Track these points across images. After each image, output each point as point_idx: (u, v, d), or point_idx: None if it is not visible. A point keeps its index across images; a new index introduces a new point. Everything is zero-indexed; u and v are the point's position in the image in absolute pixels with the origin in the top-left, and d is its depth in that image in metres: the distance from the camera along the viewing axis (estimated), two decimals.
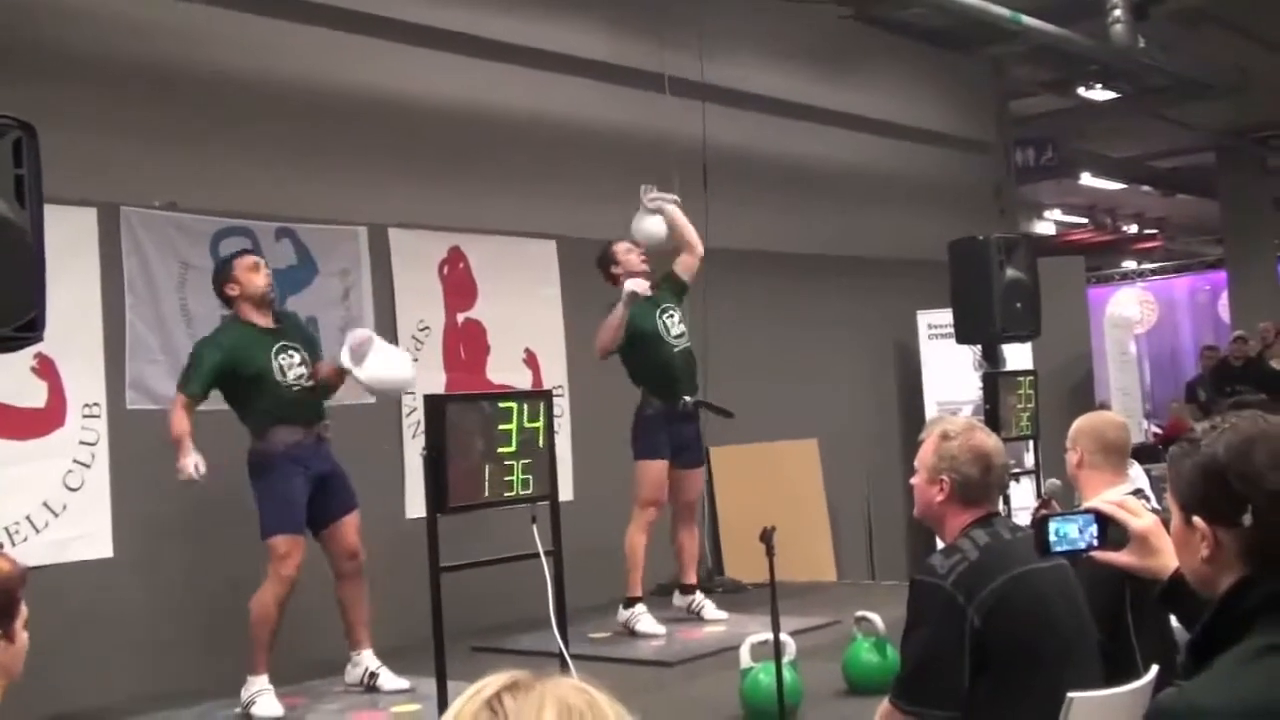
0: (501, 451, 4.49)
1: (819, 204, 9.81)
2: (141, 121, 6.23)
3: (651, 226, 6.67)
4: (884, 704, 3.15)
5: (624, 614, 6.46)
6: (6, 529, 5.55)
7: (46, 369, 5.71)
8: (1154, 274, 19.44)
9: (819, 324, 9.45)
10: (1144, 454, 8.52)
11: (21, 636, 2.47)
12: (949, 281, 7.22)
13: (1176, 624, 2.78)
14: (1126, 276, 19.51)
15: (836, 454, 9.39)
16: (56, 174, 3.92)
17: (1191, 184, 16.84)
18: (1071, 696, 2.83)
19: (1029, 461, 7.24)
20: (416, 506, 6.27)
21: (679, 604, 6.74)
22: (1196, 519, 1.83)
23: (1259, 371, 12.77)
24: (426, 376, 7.18)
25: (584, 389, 7.56)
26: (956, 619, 2.98)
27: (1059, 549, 2.26)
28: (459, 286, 7.54)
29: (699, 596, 6.75)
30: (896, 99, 10.50)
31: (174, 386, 6.11)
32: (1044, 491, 5.50)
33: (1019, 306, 6.99)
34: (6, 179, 3.67)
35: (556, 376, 7.66)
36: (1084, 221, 18.87)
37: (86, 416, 5.90)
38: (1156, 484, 5.49)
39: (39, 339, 3.84)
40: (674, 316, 6.58)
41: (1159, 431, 13.02)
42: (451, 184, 7.53)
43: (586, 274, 6.88)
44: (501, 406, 4.57)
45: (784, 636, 4.38)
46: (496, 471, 4.49)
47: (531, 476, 4.58)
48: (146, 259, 6.20)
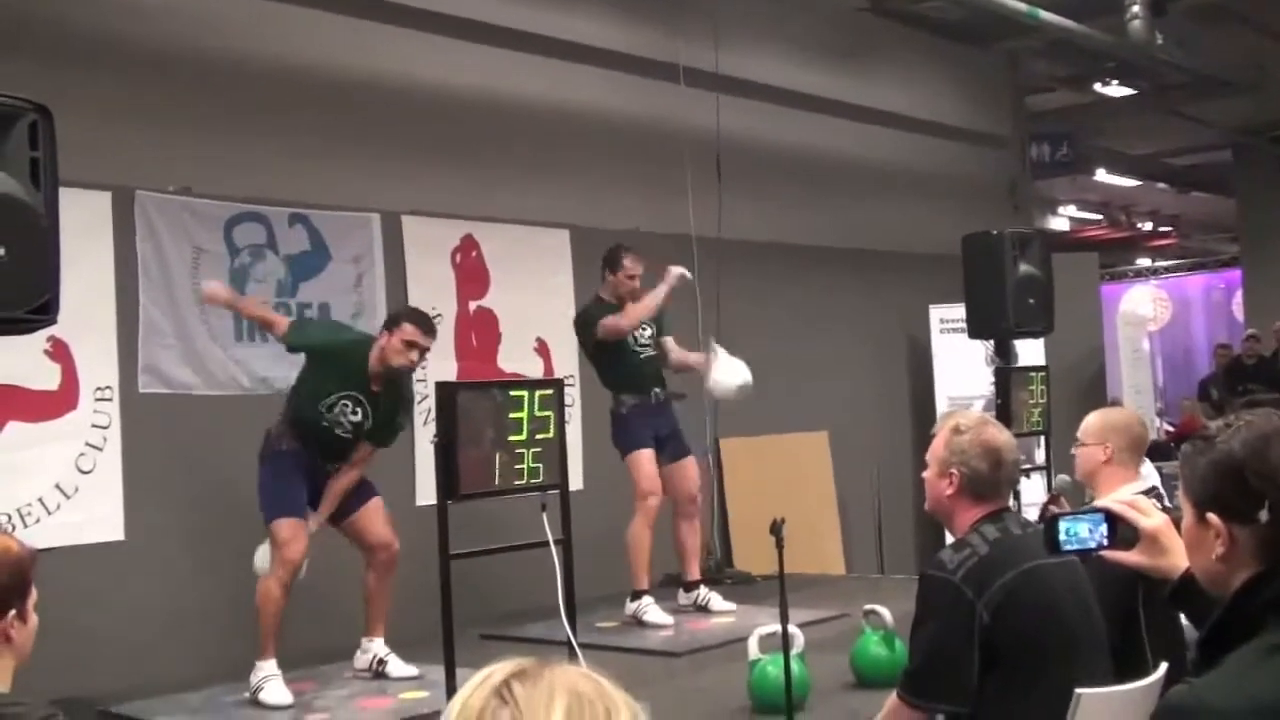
0: (512, 440, 4.49)
1: (832, 197, 9.79)
2: (156, 106, 6.24)
3: (730, 378, 6.69)
4: (892, 698, 3.15)
5: (631, 606, 6.47)
6: (19, 511, 5.57)
7: (60, 352, 5.73)
8: (1168, 271, 19.35)
9: (831, 317, 9.44)
10: (1156, 452, 8.50)
11: (32, 618, 2.49)
12: (962, 276, 7.19)
13: (1187, 622, 2.77)
14: (1140, 274, 19.42)
15: (847, 447, 9.38)
16: (71, 158, 3.92)
17: (1207, 182, 16.77)
18: (1080, 693, 2.83)
19: (1040, 457, 7.22)
20: (427, 494, 6.28)
21: (684, 601, 6.75)
22: (1211, 516, 1.82)
23: (1272, 370, 12.74)
24: (438, 365, 7.19)
25: (594, 379, 7.53)
26: (965, 614, 2.98)
27: (1069, 548, 2.25)
28: (471, 274, 7.55)
29: (703, 590, 6.76)
30: (912, 92, 10.47)
31: (187, 371, 6.19)
32: (1053, 488, 5.49)
33: (1032, 302, 6.96)
34: (22, 162, 3.67)
35: (568, 366, 7.66)
36: (1099, 218, 18.81)
37: (99, 400, 5.92)
38: (1168, 482, 5.47)
39: (53, 321, 3.84)
40: (645, 330, 6.61)
41: (1171, 429, 12.98)
42: (465, 172, 7.53)
43: (599, 264, 6.88)
44: (513, 395, 4.57)
45: (792, 628, 4.38)
46: (507, 460, 4.49)
47: (542, 465, 4.58)
48: (160, 243, 6.21)
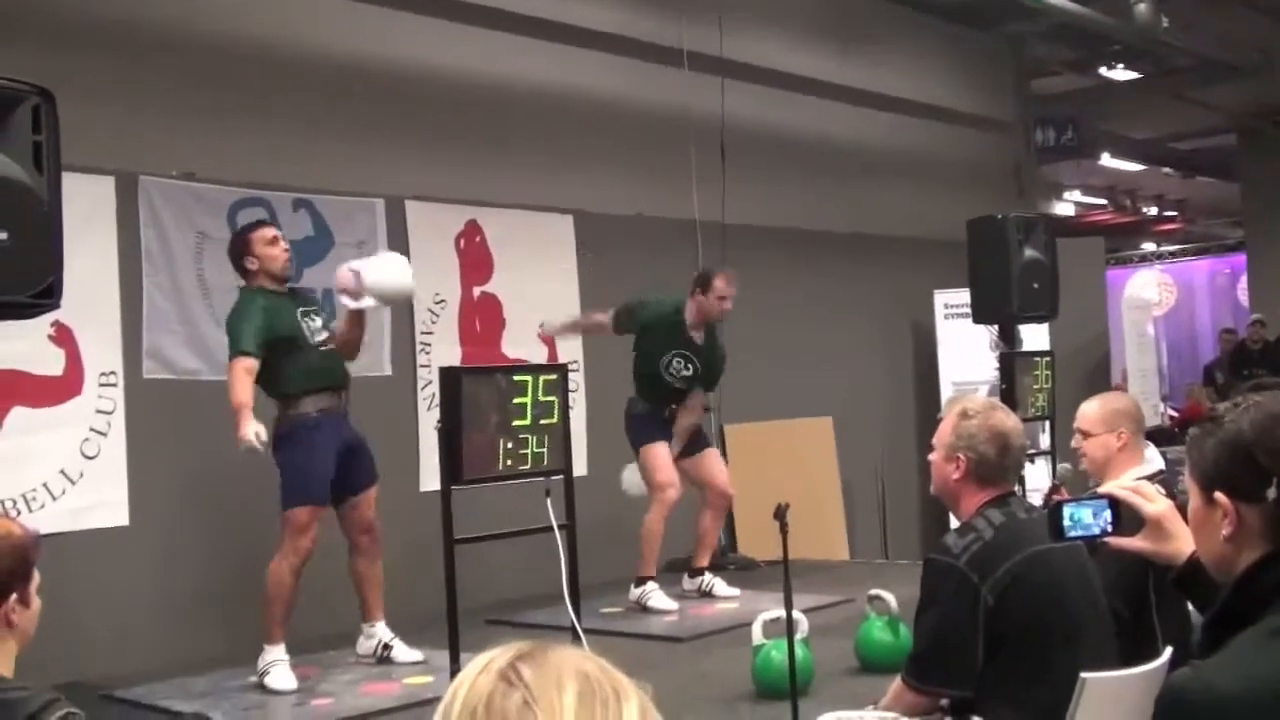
0: (516, 425, 4.49)
1: (836, 181, 9.76)
2: (160, 91, 6.22)
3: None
4: (896, 682, 3.15)
5: (635, 591, 6.48)
6: (24, 496, 5.58)
7: (64, 337, 5.73)
8: (1173, 256, 19.33)
9: (835, 302, 9.43)
10: (1160, 437, 8.49)
11: (34, 602, 2.49)
12: (966, 261, 7.18)
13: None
14: (1145, 258, 19.39)
15: (851, 432, 9.38)
16: (75, 142, 3.92)
17: (1212, 166, 16.72)
18: (1085, 677, 2.82)
19: (1044, 442, 7.21)
20: (431, 479, 6.27)
21: (689, 586, 6.76)
22: (1219, 495, 1.82)
23: (1277, 355, 12.72)
24: (442, 350, 7.21)
25: (599, 364, 7.55)
26: (970, 598, 2.97)
27: (1073, 534, 2.25)
28: (475, 260, 7.54)
29: (707, 576, 6.77)
30: (916, 76, 10.44)
31: (191, 356, 6.15)
32: (1055, 477, 5.49)
33: (1036, 287, 6.94)
34: (25, 146, 3.66)
35: (572, 351, 7.65)
36: (1103, 203, 18.77)
37: (103, 385, 5.92)
38: (1172, 467, 5.46)
39: (56, 306, 3.84)
40: (688, 366, 6.58)
41: (1175, 414, 12.97)
42: (469, 157, 7.52)
43: (603, 248, 6.87)
44: (517, 380, 4.56)
45: (797, 614, 4.38)
46: (511, 445, 4.49)
47: (546, 450, 4.58)
48: (164, 229, 6.21)
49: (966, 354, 9.67)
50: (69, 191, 3.86)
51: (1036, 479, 6.60)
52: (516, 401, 4.48)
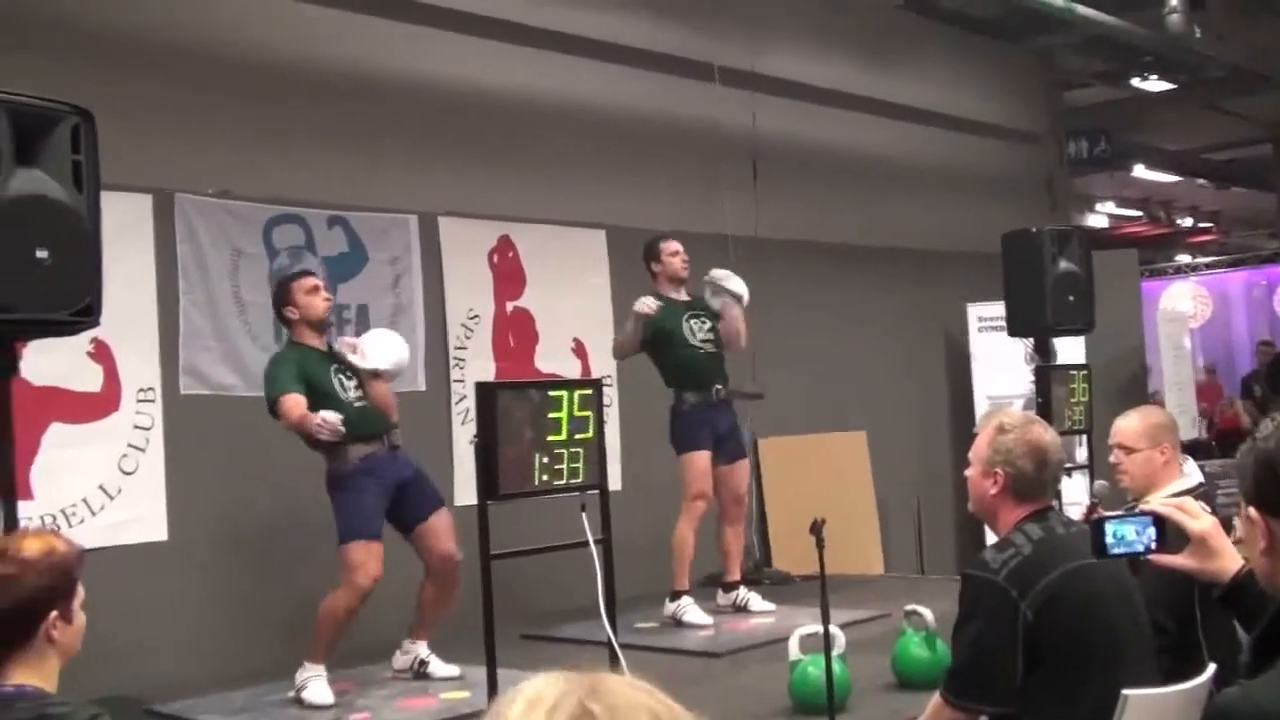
0: (551, 440, 4.49)
1: (868, 195, 9.75)
2: (196, 109, 6.28)
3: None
4: (935, 698, 3.13)
5: (670, 606, 6.46)
6: (63, 511, 5.63)
7: (102, 353, 5.78)
8: (1208, 268, 19.15)
9: (868, 315, 9.40)
10: (1198, 450, 8.41)
11: (79, 617, 2.50)
12: (1000, 274, 7.15)
13: None
14: (1180, 270, 19.23)
15: (885, 446, 9.33)
16: (112, 161, 3.96)
17: (1247, 177, 16.61)
18: (1126, 694, 2.80)
19: (1080, 456, 7.16)
20: (464, 494, 6.31)
21: (723, 601, 6.73)
22: (1252, 511, 1.81)
23: None
24: (476, 365, 7.23)
25: (632, 379, 7.54)
26: (1009, 614, 2.95)
27: (1116, 551, 2.23)
28: (508, 275, 7.56)
29: (742, 590, 6.74)
30: (947, 89, 10.42)
31: (228, 373, 6.20)
32: (1092, 494, 5.44)
33: (1072, 300, 6.91)
34: (64, 165, 3.70)
35: (605, 366, 7.65)
36: (1138, 215, 18.66)
37: (141, 401, 5.96)
38: (1210, 481, 5.41)
39: (96, 324, 3.87)
40: (705, 323, 6.58)
41: (1212, 429, 12.85)
42: (501, 172, 7.55)
43: (636, 263, 6.87)
44: (552, 395, 4.56)
45: (833, 629, 4.36)
46: (546, 460, 4.49)
47: (581, 465, 4.58)
48: (200, 246, 6.26)
49: (1000, 367, 9.62)
50: (107, 209, 3.90)
51: (1073, 493, 6.55)
52: (552, 416, 4.48)
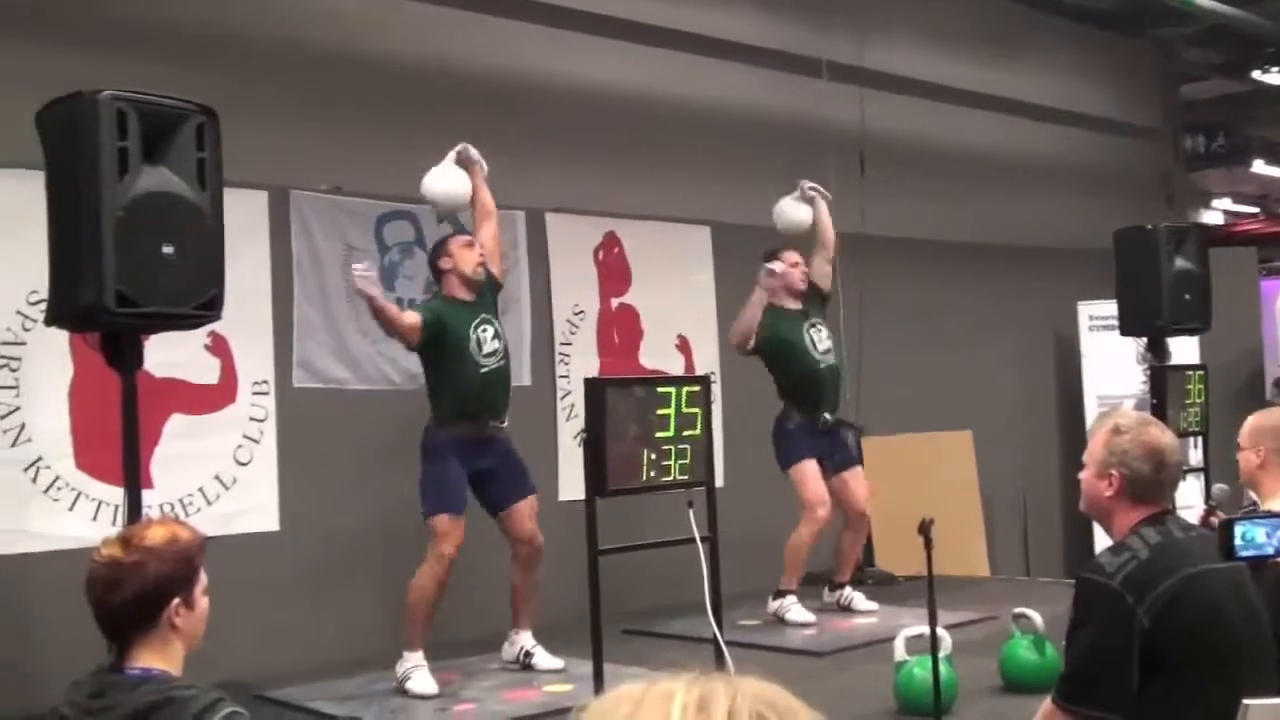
0: (659, 436, 4.51)
1: (977, 191, 9.62)
2: (310, 108, 6.41)
3: (798, 214, 6.70)
4: (1046, 703, 3.08)
5: (774, 604, 6.46)
6: (180, 500, 5.77)
7: (220, 347, 5.92)
8: None
9: (976, 313, 9.28)
10: None
11: (201, 603, 2.55)
12: (1113, 272, 7.01)
13: None
14: None
15: (991, 447, 9.21)
16: (231, 158, 4.06)
17: None
18: (1247, 703, 2.74)
19: (1196, 459, 7.00)
20: (569, 489, 6.36)
21: (828, 599, 6.72)
22: None
23: None
24: (581, 361, 7.28)
25: (736, 376, 7.54)
26: (1125, 619, 2.89)
27: (1244, 554, 2.18)
28: (613, 271, 7.59)
29: (847, 590, 6.72)
30: (1059, 83, 10.24)
31: (339, 366, 6.32)
32: (1212, 497, 5.33)
33: (1188, 299, 6.76)
34: (190, 163, 3.80)
35: (709, 363, 7.66)
36: (1255, 211, 18.15)
37: (256, 394, 6.10)
38: None
39: (218, 317, 3.98)
40: (821, 331, 6.57)
41: None
42: (608, 169, 7.58)
43: (740, 260, 6.86)
44: (659, 392, 4.59)
45: (940, 630, 4.32)
46: (654, 456, 4.51)
47: (688, 462, 4.59)
48: (313, 241, 6.38)
49: (1112, 367, 9.44)
50: (226, 205, 4.00)
51: (1189, 497, 6.41)
52: (659, 413, 4.50)
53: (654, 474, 4.51)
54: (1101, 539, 3.14)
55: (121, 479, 3.92)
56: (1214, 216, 17.84)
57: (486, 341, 5.45)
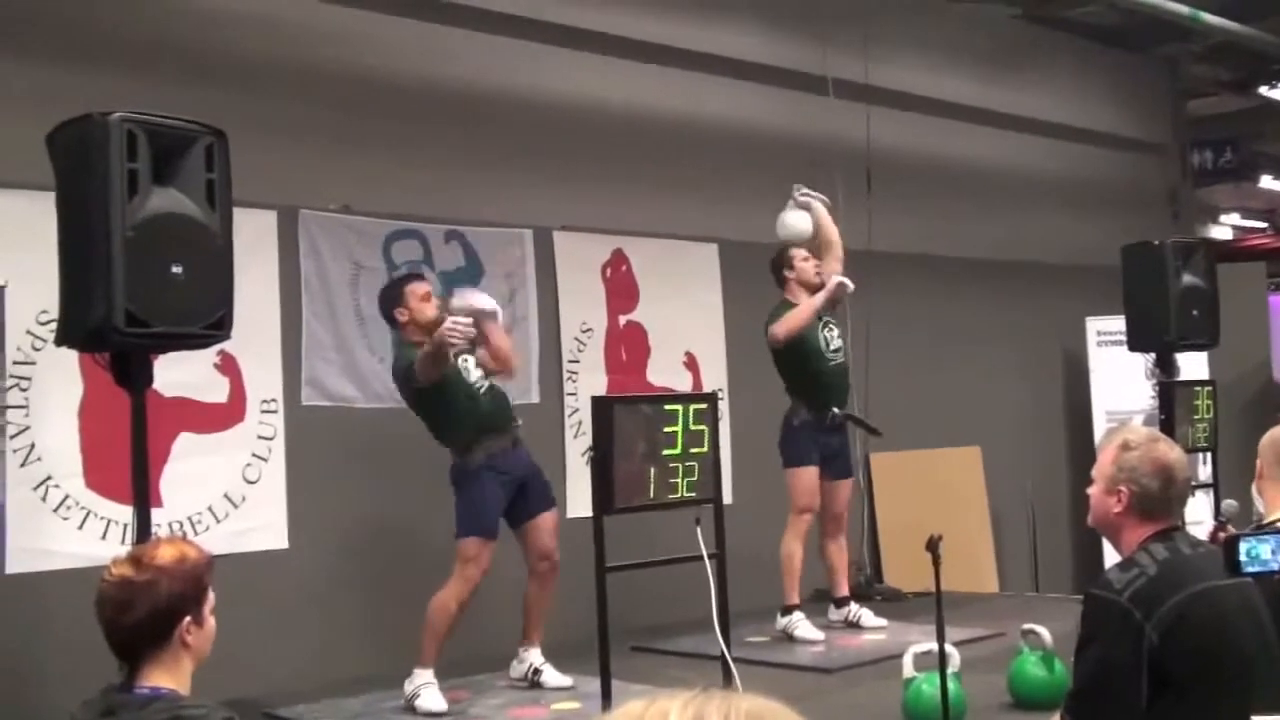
0: (666, 454, 4.51)
1: (985, 207, 9.63)
2: (318, 127, 6.43)
3: (798, 222, 6.69)
4: (1055, 718, 3.08)
5: (782, 621, 6.45)
6: (189, 519, 5.79)
7: (228, 365, 5.94)
8: None
9: (983, 329, 9.28)
10: None
11: (210, 621, 2.57)
12: (1120, 287, 7.01)
13: None
14: None
15: (1000, 462, 9.20)
16: (240, 177, 4.08)
17: None
18: None
19: (1205, 475, 6.99)
20: (577, 506, 6.36)
21: (834, 617, 6.70)
22: None
23: None
24: (589, 378, 7.29)
25: (744, 393, 7.55)
26: (1133, 636, 2.89)
27: (1250, 569, 2.19)
28: (621, 289, 7.61)
29: (854, 606, 6.70)
30: (1066, 100, 10.25)
31: (348, 384, 6.33)
32: (1221, 513, 5.32)
33: (1196, 314, 6.75)
34: (198, 183, 3.83)
35: (716, 380, 7.67)
36: (1263, 226, 18.14)
37: (264, 412, 6.11)
38: None
39: (226, 337, 4.00)
40: (833, 331, 6.59)
41: None
42: (615, 187, 7.60)
43: (748, 277, 6.87)
44: (667, 409, 4.59)
45: (949, 647, 4.31)
46: (660, 473, 4.51)
47: (696, 479, 4.59)
48: (322, 260, 6.40)
49: (1120, 383, 9.43)
50: (235, 225, 4.02)
51: (1197, 513, 6.40)
52: (667, 430, 4.51)
53: (661, 491, 4.51)
54: (1110, 555, 3.14)
55: (130, 498, 3.93)
56: (1222, 231, 17.84)
57: (467, 371, 5.48)
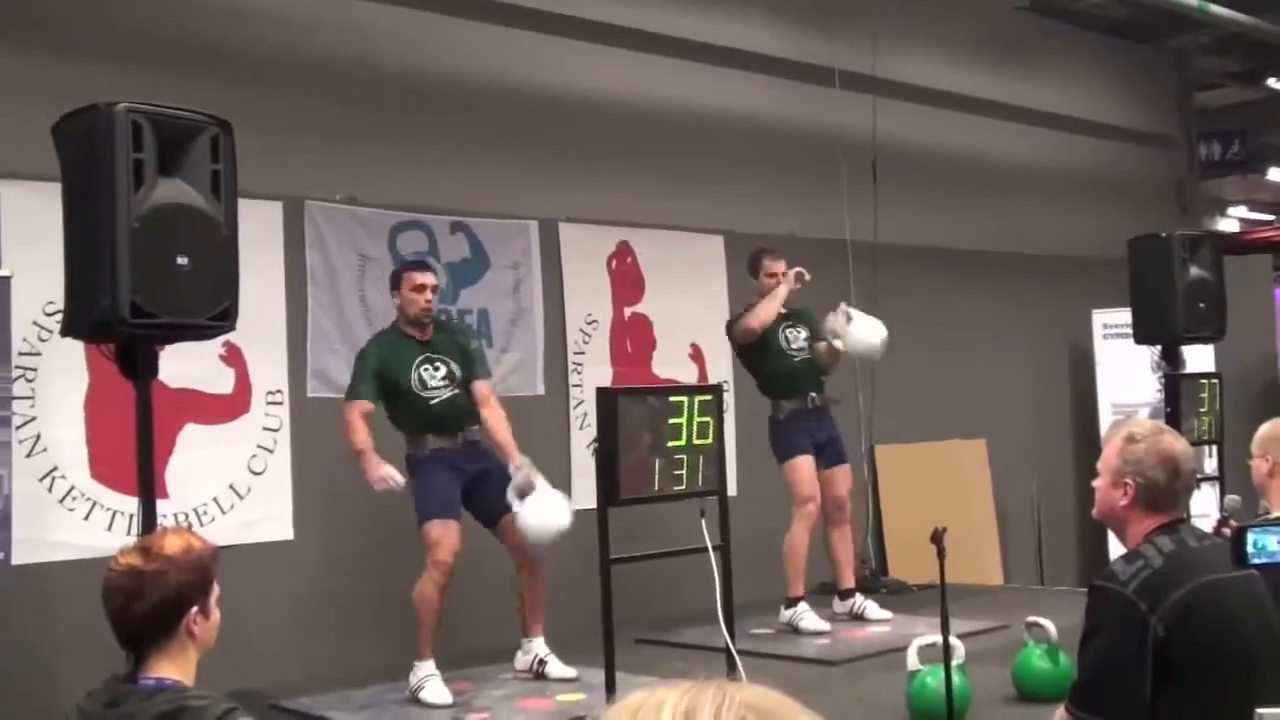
0: (671, 445, 4.51)
1: (992, 200, 9.62)
2: (324, 118, 6.43)
3: (869, 335, 6.54)
4: (1059, 711, 3.08)
5: (786, 613, 6.45)
6: (195, 510, 5.80)
7: (234, 357, 5.95)
8: None
9: (989, 322, 9.27)
10: None
11: (215, 612, 2.57)
12: (1127, 280, 7.01)
13: None
14: None
15: (1005, 454, 9.20)
16: (246, 169, 4.07)
17: None
18: (1260, 712, 2.73)
19: (1210, 467, 6.98)
20: (582, 498, 6.34)
21: (839, 609, 6.70)
22: None
23: None
24: (594, 370, 7.29)
25: (749, 385, 7.52)
26: (1138, 628, 2.89)
27: (1257, 561, 2.18)
28: (627, 280, 7.61)
29: (859, 598, 6.70)
30: (1073, 92, 10.23)
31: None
32: (1224, 508, 5.32)
33: (1203, 307, 6.74)
34: (204, 174, 3.82)
35: (721, 372, 7.66)
36: (1270, 218, 18.10)
37: (270, 403, 6.12)
38: None
39: (232, 328, 3.99)
40: (799, 332, 6.59)
41: None
42: (620, 179, 7.60)
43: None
44: (672, 401, 4.59)
45: (953, 640, 4.31)
46: (665, 465, 4.51)
47: (700, 471, 4.59)
48: (328, 251, 6.40)
49: (1126, 375, 9.41)
50: (241, 216, 4.01)
51: (1203, 505, 6.39)
52: (672, 422, 4.51)
53: (666, 483, 4.51)
54: (1116, 547, 3.13)
55: (136, 489, 3.93)
56: (1229, 224, 17.80)
57: (431, 378, 5.51)
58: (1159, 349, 7.09)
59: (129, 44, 5.87)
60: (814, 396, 6.60)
